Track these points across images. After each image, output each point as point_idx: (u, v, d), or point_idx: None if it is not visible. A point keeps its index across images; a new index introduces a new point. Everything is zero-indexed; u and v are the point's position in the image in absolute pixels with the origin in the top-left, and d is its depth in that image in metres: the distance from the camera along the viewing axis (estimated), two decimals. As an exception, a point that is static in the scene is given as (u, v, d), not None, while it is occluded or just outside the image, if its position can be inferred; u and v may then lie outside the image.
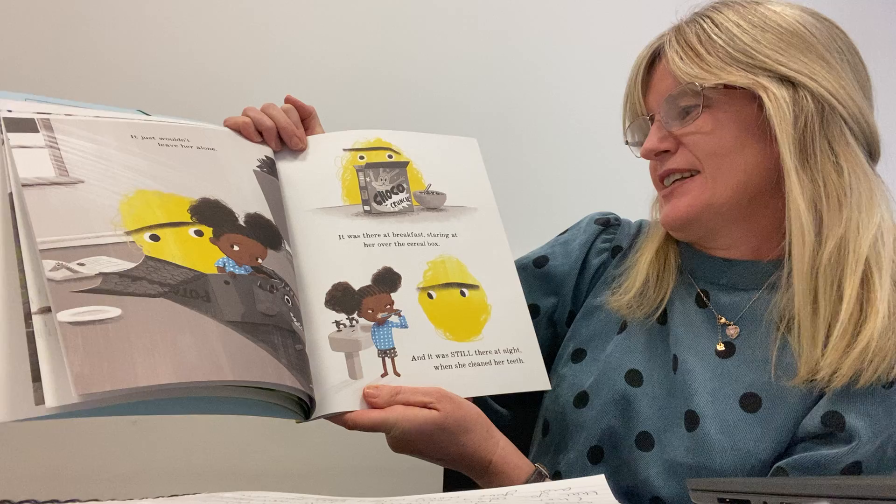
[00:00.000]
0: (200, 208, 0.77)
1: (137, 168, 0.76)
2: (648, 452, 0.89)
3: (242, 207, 0.79)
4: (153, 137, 0.79)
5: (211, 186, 0.79)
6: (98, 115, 0.78)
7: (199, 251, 0.73)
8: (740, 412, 0.86)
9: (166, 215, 0.73)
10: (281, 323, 0.74)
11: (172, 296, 0.68)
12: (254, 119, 0.89)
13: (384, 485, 1.44)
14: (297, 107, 0.93)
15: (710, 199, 0.90)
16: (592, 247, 1.05)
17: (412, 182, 0.94)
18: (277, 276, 0.77)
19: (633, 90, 0.96)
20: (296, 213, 0.87)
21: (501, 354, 0.89)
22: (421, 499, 0.66)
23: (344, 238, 0.88)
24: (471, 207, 0.96)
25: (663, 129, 0.92)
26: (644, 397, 0.91)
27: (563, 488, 0.68)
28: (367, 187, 0.92)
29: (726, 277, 0.94)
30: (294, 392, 0.73)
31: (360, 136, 0.94)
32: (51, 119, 0.75)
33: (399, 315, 0.86)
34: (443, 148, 0.99)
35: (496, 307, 0.91)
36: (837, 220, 0.84)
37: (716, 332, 0.92)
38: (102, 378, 0.61)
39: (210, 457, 1.37)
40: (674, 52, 0.90)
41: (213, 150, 0.83)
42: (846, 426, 0.80)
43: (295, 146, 0.91)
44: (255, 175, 0.84)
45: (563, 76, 1.59)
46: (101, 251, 0.67)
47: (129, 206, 0.72)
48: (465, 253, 0.92)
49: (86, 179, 0.72)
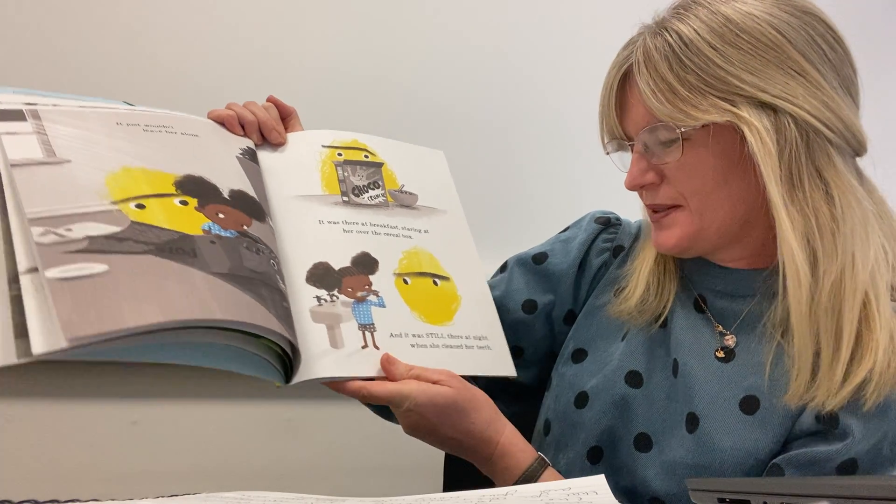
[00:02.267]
0: (184, 182, 0.80)
1: (123, 149, 0.79)
2: (647, 453, 0.90)
3: (226, 184, 0.83)
4: (138, 124, 0.83)
5: (195, 165, 0.82)
6: (84, 106, 0.82)
7: (184, 217, 0.76)
8: (740, 414, 0.86)
9: (151, 188, 0.77)
10: (268, 280, 0.76)
11: (158, 252, 0.71)
12: (237, 112, 0.92)
13: (384, 485, 1.44)
14: (278, 106, 0.97)
15: (698, 232, 0.88)
16: (593, 246, 1.05)
17: (387, 181, 0.98)
18: (263, 243, 0.80)
19: (606, 112, 0.91)
20: (276, 199, 0.90)
21: (472, 340, 0.93)
22: (421, 499, 0.66)
23: (324, 223, 0.91)
24: (441, 209, 1.01)
25: (644, 161, 0.89)
26: (643, 399, 0.92)
27: (563, 488, 0.68)
28: (346, 181, 0.95)
29: (723, 284, 0.94)
30: (281, 341, 0.74)
31: (338, 136, 0.99)
32: (38, 109, 0.78)
33: (377, 295, 0.89)
34: (413, 156, 1.04)
35: (465, 298, 0.96)
36: (833, 254, 0.81)
37: (714, 337, 0.92)
38: (90, 322, 0.63)
39: (210, 457, 1.37)
40: (645, 85, 0.84)
41: (197, 136, 0.87)
42: (840, 424, 0.81)
43: (275, 140, 0.94)
44: (238, 160, 0.88)
45: (553, 74, 1.59)
46: (88, 218, 0.70)
47: (114, 180, 0.75)
48: (436, 248, 0.97)
49: (73, 160, 0.75)
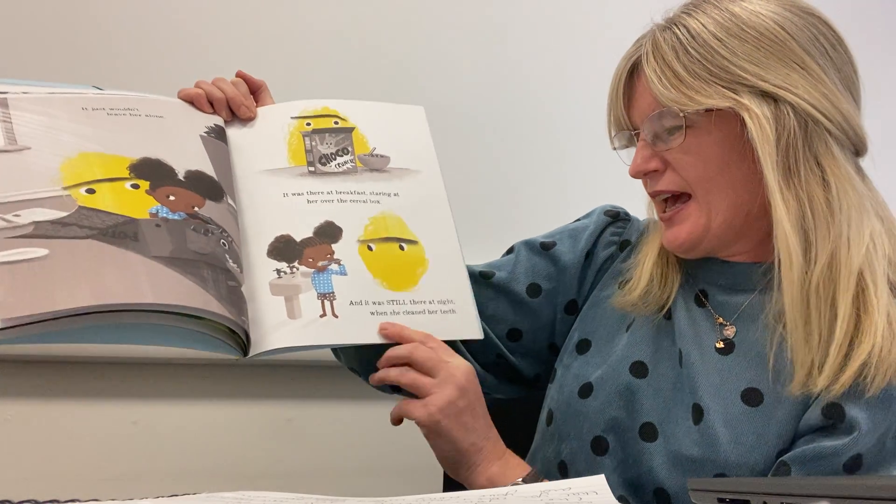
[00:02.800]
0: (139, 166, 0.82)
1: (83, 134, 0.81)
2: (652, 443, 0.89)
3: (184, 165, 0.84)
4: (103, 108, 0.85)
5: (154, 148, 0.84)
6: (53, 92, 0.84)
7: (133, 201, 0.78)
8: (742, 406, 0.86)
9: (105, 172, 0.79)
10: (213, 261, 0.78)
11: (100, 237, 0.73)
12: (205, 90, 0.94)
13: (384, 485, 1.44)
14: (247, 80, 0.99)
15: (707, 224, 0.89)
16: (600, 238, 1.05)
17: (357, 146, 0.98)
18: (214, 223, 0.81)
19: (614, 103, 0.94)
20: (243, 176, 0.91)
21: (435, 305, 0.93)
22: (421, 499, 0.66)
23: (288, 196, 0.92)
24: (414, 170, 1.00)
25: (649, 148, 0.91)
26: (648, 389, 0.92)
27: (563, 488, 0.69)
28: (313, 150, 0.96)
29: (724, 278, 0.94)
30: (221, 320, 0.75)
31: (308, 105, 0.99)
32: (7, 97, 0.81)
33: (339, 264, 0.89)
34: (389, 115, 1.03)
35: (433, 262, 0.95)
36: (826, 238, 0.83)
37: (715, 331, 0.92)
38: (23, 305, 0.66)
39: (210, 457, 1.37)
40: (652, 72, 0.88)
41: (162, 117, 0.88)
42: (846, 417, 0.80)
43: (243, 115, 0.96)
44: (202, 139, 0.89)
45: (550, 69, 1.58)
46: (38, 204, 0.73)
47: (69, 166, 0.78)
48: (406, 211, 0.96)
49: (32, 146, 0.78)
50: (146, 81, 0.97)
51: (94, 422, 1.34)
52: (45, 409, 1.32)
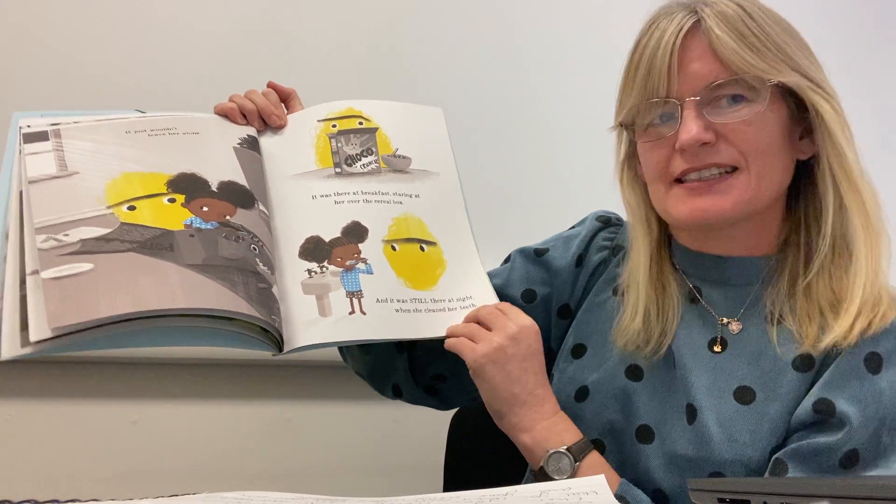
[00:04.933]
0: (176, 180, 0.88)
1: (126, 156, 0.89)
2: (649, 445, 0.90)
3: (217, 177, 0.90)
4: (144, 130, 0.92)
5: (189, 163, 0.90)
6: (100, 119, 0.92)
7: (170, 214, 0.85)
8: (735, 404, 0.87)
9: (144, 189, 0.86)
10: (243, 265, 0.84)
11: (140, 249, 0.80)
12: (238, 104, 0.99)
13: (384, 485, 1.44)
14: (277, 90, 1.03)
15: (753, 198, 0.88)
16: (592, 242, 1.06)
17: (381, 146, 1.02)
18: (245, 230, 0.87)
19: (658, 71, 0.87)
20: (274, 182, 0.96)
21: (455, 302, 0.96)
22: (421, 499, 0.66)
23: (316, 198, 0.96)
24: (433, 172, 1.03)
25: (704, 118, 0.86)
26: (644, 391, 0.92)
27: (562, 488, 0.69)
28: (339, 151, 1.00)
29: (718, 273, 0.94)
30: (251, 320, 0.81)
31: (332, 107, 1.03)
32: (60, 128, 0.89)
33: (366, 263, 0.93)
34: (409, 116, 1.06)
35: (451, 262, 0.99)
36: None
37: (708, 328, 0.93)
38: (70, 314, 0.73)
39: (210, 457, 1.37)
40: (726, 36, 0.85)
41: (198, 133, 0.95)
42: (837, 411, 0.81)
43: (274, 123, 1.00)
44: (235, 151, 0.95)
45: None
46: (84, 223, 0.80)
47: (113, 186, 0.85)
48: (426, 212, 1.00)
49: (81, 171, 0.85)
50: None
51: (94, 422, 1.34)
52: (45, 409, 1.32)
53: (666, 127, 0.89)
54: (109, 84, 1.33)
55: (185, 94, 1.33)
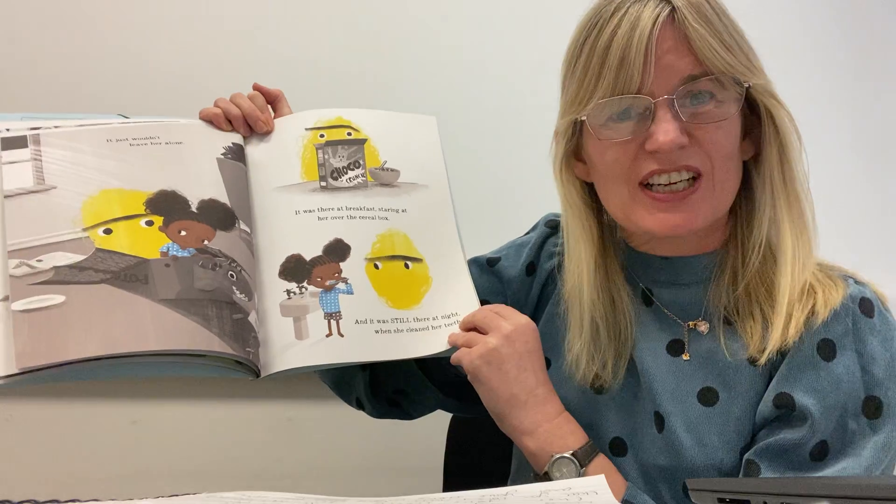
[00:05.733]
0: (155, 200, 0.86)
1: (105, 169, 0.86)
2: (624, 458, 0.88)
3: (198, 195, 0.88)
4: (126, 139, 0.89)
5: (170, 179, 0.88)
6: (82, 124, 0.89)
7: (146, 240, 0.83)
8: (700, 407, 0.85)
9: (122, 210, 0.84)
10: (219, 297, 0.82)
11: (113, 281, 0.78)
12: (223, 109, 0.95)
13: (384, 485, 1.44)
14: (263, 92, 0.98)
15: (716, 208, 0.86)
16: (542, 250, 1.03)
17: (369, 159, 0.99)
18: (223, 255, 0.85)
19: (633, 57, 0.80)
20: (258, 194, 0.94)
21: (439, 320, 0.94)
22: (421, 499, 0.66)
23: (300, 213, 0.93)
24: (422, 185, 1.00)
25: (679, 119, 0.81)
26: (612, 403, 0.90)
27: (562, 488, 0.69)
28: (325, 164, 0.97)
29: (665, 274, 0.92)
30: (224, 356, 0.80)
31: (322, 115, 1.00)
32: (40, 134, 0.86)
33: (346, 282, 0.91)
34: (401, 126, 1.03)
35: (437, 279, 0.97)
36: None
37: (665, 331, 0.91)
38: (38, 354, 0.73)
39: (210, 457, 1.37)
40: (703, 29, 0.80)
41: (181, 143, 0.92)
42: (797, 405, 0.80)
43: (260, 129, 0.96)
44: (218, 162, 0.92)
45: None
46: (59, 247, 0.79)
47: (90, 204, 0.83)
48: (413, 228, 0.97)
49: (58, 185, 0.83)
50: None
51: (94, 422, 1.34)
52: (45, 409, 1.32)
53: (635, 125, 0.83)
54: (94, 85, 1.31)
55: (171, 95, 1.31)
